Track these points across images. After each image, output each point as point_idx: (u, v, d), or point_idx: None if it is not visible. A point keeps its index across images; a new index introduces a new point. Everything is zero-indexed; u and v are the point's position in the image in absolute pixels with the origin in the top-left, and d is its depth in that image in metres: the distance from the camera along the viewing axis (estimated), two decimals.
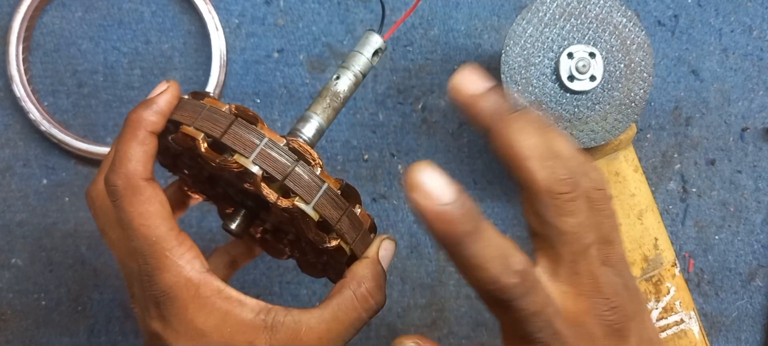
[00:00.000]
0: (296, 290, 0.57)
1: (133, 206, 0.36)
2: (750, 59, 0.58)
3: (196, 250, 0.37)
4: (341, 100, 0.41)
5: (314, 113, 0.40)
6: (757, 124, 0.58)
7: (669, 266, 0.53)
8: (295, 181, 0.36)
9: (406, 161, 0.57)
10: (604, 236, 0.32)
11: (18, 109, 0.56)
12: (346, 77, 0.41)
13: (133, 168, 0.36)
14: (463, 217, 0.27)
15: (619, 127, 0.50)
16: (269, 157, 0.36)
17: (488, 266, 0.28)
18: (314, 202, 0.36)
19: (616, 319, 0.31)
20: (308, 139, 0.40)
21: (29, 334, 0.57)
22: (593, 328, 0.31)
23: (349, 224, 0.37)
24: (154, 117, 0.37)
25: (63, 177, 0.56)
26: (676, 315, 0.53)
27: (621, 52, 0.49)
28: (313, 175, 0.36)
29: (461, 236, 0.28)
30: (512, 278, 0.28)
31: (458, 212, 0.27)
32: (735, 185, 0.58)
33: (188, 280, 0.36)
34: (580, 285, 0.31)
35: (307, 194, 0.36)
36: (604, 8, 0.49)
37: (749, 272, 0.58)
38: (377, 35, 0.41)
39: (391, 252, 0.39)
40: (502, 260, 0.28)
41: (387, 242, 0.39)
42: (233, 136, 0.36)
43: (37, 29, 0.56)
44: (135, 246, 0.36)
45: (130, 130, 0.37)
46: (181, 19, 0.57)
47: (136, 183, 0.36)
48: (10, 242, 0.57)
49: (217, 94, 0.55)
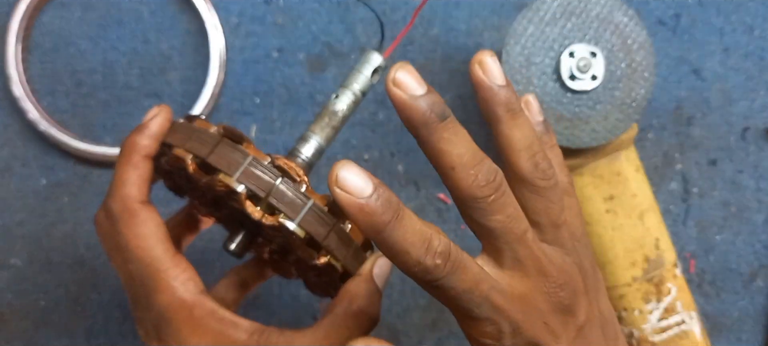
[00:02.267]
0: (296, 290, 0.57)
1: (128, 228, 0.38)
2: (752, 59, 0.57)
3: (192, 271, 0.38)
4: (340, 119, 0.41)
5: (313, 133, 0.41)
6: (758, 124, 0.57)
7: (670, 266, 0.53)
8: (278, 198, 0.36)
9: (406, 161, 0.57)
10: (550, 220, 0.34)
11: (16, 109, 0.55)
12: (345, 96, 0.41)
13: (128, 192, 0.38)
14: (382, 207, 0.30)
15: (620, 126, 0.49)
16: (252, 175, 0.36)
17: (410, 250, 0.30)
18: (299, 219, 0.36)
19: (564, 295, 0.33)
20: (307, 159, 0.40)
21: (28, 334, 0.57)
22: (540, 304, 0.33)
23: (337, 240, 0.38)
24: (147, 141, 0.39)
25: (62, 177, 0.56)
26: (677, 316, 0.52)
27: (622, 52, 0.49)
28: (297, 192, 0.37)
29: (383, 225, 0.30)
30: (435, 259, 0.30)
31: (377, 203, 0.30)
32: (737, 185, 0.58)
33: (182, 301, 0.37)
34: (524, 268, 0.33)
35: (291, 211, 0.36)
36: (605, 7, 0.49)
37: (751, 273, 0.58)
38: (377, 54, 0.41)
39: (386, 270, 0.40)
40: (423, 243, 0.30)
41: (382, 259, 0.40)
42: (218, 156, 0.37)
43: (36, 29, 0.56)
44: (132, 269, 0.38)
45: (124, 155, 0.39)
46: (180, 19, 0.56)
47: (131, 206, 0.38)
48: (8, 242, 0.56)
49: (216, 93, 0.55)
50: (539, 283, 0.33)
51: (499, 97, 0.34)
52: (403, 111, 0.32)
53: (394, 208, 0.30)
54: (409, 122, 0.32)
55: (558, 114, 0.49)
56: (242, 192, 0.36)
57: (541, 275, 0.33)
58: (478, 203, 0.32)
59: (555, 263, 0.34)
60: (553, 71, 0.49)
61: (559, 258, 0.34)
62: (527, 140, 0.34)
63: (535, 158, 0.34)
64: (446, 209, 0.58)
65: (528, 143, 0.34)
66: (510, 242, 0.32)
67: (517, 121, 0.34)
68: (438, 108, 0.32)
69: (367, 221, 0.30)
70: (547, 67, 0.49)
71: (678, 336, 0.52)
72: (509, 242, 0.32)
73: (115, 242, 0.39)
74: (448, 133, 0.32)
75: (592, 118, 0.49)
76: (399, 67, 0.31)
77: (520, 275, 0.33)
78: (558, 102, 0.49)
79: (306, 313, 0.57)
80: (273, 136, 0.57)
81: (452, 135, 0.32)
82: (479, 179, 0.31)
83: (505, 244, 0.32)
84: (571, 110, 0.49)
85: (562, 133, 0.49)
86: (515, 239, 0.32)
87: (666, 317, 0.52)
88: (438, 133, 0.32)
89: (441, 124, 0.32)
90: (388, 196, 0.30)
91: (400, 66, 0.31)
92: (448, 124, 0.32)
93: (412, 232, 0.30)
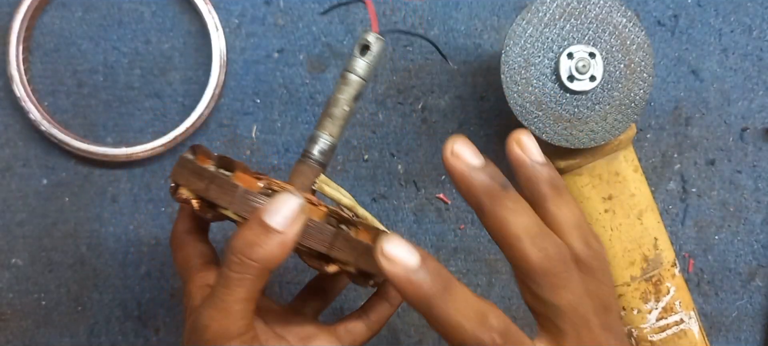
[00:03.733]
0: (296, 290, 0.57)
1: (176, 253, 0.43)
2: (750, 59, 0.58)
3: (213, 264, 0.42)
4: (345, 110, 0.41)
5: (321, 132, 0.41)
6: (756, 125, 0.58)
7: (669, 266, 0.53)
8: None
9: (406, 161, 0.57)
10: (603, 303, 0.32)
11: (18, 109, 0.56)
12: (344, 86, 0.41)
13: (177, 226, 0.44)
14: (430, 278, 0.29)
15: (618, 127, 0.50)
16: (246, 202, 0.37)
17: (464, 324, 0.29)
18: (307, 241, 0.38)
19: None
20: (319, 159, 0.41)
21: (29, 334, 0.57)
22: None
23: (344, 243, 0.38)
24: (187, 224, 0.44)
25: (63, 177, 0.56)
26: (675, 315, 0.53)
27: (621, 53, 0.49)
28: None
29: (432, 298, 0.29)
30: (492, 334, 0.29)
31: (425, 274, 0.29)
32: (735, 185, 0.58)
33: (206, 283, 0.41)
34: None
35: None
36: (603, 8, 0.49)
37: (749, 272, 0.58)
38: (369, 31, 0.41)
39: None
40: (478, 317, 0.29)
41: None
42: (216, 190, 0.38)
43: (37, 29, 0.56)
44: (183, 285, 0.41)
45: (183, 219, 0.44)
46: (181, 19, 0.57)
47: (179, 237, 0.43)
48: (10, 242, 0.57)
49: (217, 94, 0.55)
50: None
51: (542, 175, 0.32)
52: (464, 182, 0.31)
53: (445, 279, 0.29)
54: (470, 193, 0.31)
55: (557, 115, 0.49)
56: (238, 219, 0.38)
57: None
58: (548, 279, 0.30)
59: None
60: (552, 72, 0.49)
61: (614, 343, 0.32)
62: (576, 218, 0.33)
63: (586, 238, 0.32)
64: (446, 209, 0.58)
65: (577, 222, 0.32)
66: (576, 325, 0.31)
67: (564, 198, 0.33)
68: (500, 178, 0.31)
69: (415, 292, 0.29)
70: (546, 68, 0.49)
71: (676, 335, 0.53)
72: (575, 323, 0.31)
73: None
74: (512, 203, 0.31)
75: (590, 119, 0.49)
76: (455, 139, 0.31)
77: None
78: (557, 103, 0.49)
79: None
80: (273, 136, 0.57)
81: (516, 205, 0.31)
82: (550, 252, 0.30)
83: (570, 326, 0.31)
84: (570, 111, 0.49)
85: (561, 133, 0.49)
86: (581, 322, 0.31)
87: (664, 316, 0.52)
88: (501, 202, 0.30)
89: (504, 193, 0.31)
90: (436, 267, 0.29)
91: (456, 138, 0.31)
92: (510, 194, 0.31)
93: (466, 305, 0.29)
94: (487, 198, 0.31)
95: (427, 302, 0.29)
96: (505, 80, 0.49)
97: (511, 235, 0.30)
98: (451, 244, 0.58)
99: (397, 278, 0.29)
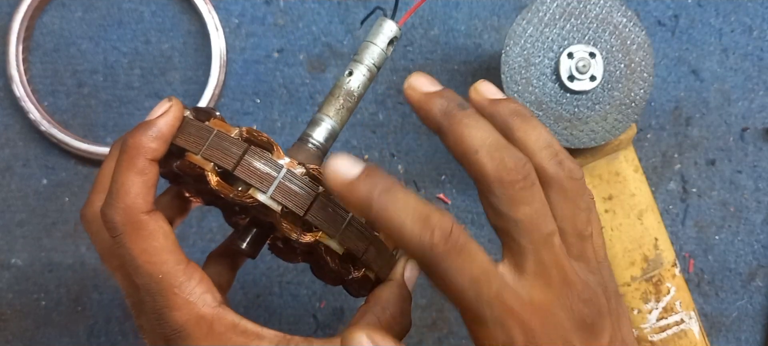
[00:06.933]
0: (296, 290, 0.57)
1: (134, 242, 0.33)
2: (750, 59, 0.58)
3: (207, 282, 0.34)
4: (356, 98, 0.37)
5: (326, 116, 0.36)
6: (757, 125, 0.58)
7: (669, 266, 0.53)
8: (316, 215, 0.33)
9: (406, 161, 0.57)
10: (576, 229, 0.32)
11: (18, 109, 0.56)
12: (359, 73, 0.37)
13: (132, 202, 0.33)
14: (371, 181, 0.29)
15: (619, 127, 0.50)
16: (288, 191, 0.32)
17: (405, 222, 0.28)
18: (339, 235, 0.33)
19: (587, 313, 0.30)
20: (320, 144, 0.36)
21: (29, 334, 0.57)
22: (562, 319, 0.30)
23: (375, 252, 0.35)
24: (155, 143, 0.34)
25: (63, 177, 0.56)
26: (676, 315, 0.52)
27: (621, 52, 0.49)
28: (337, 206, 0.33)
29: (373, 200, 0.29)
30: (433, 234, 0.28)
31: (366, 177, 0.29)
32: (735, 185, 0.58)
33: (201, 317, 0.33)
34: (547, 276, 0.30)
35: (332, 228, 0.33)
36: (604, 8, 0.49)
37: (749, 272, 0.58)
38: (391, 22, 0.37)
39: (416, 273, 0.37)
40: (420, 216, 0.29)
41: (412, 263, 0.37)
42: (247, 169, 0.32)
43: (37, 29, 0.56)
44: (139, 283, 0.34)
45: (128, 158, 0.34)
46: (180, 19, 0.57)
47: (136, 218, 0.33)
48: (10, 242, 0.56)
49: (217, 94, 0.55)
50: (562, 295, 0.30)
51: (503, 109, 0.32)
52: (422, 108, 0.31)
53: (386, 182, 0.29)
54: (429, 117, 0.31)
55: (557, 114, 0.49)
56: (278, 210, 0.32)
57: (566, 286, 0.30)
58: (505, 189, 0.29)
59: (581, 277, 0.31)
60: (552, 72, 0.49)
61: (584, 274, 0.31)
62: (546, 140, 0.32)
63: (558, 156, 0.32)
64: (446, 209, 0.58)
65: (547, 142, 0.32)
66: (535, 242, 0.30)
67: (531, 124, 0.32)
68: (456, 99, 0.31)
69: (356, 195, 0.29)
70: (546, 68, 0.49)
71: (677, 335, 0.53)
72: (534, 241, 0.30)
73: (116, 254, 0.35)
74: (469, 119, 0.30)
75: (591, 119, 0.49)
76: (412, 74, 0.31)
77: (542, 283, 0.30)
78: (557, 102, 0.49)
79: (306, 312, 0.57)
80: (274, 136, 0.57)
81: (473, 120, 0.30)
82: (507, 162, 0.29)
83: (530, 243, 0.30)
84: (570, 111, 0.49)
85: (561, 133, 0.49)
86: (541, 239, 0.30)
87: (665, 316, 0.52)
88: (459, 119, 0.30)
89: (461, 111, 0.30)
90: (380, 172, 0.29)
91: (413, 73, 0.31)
92: (468, 112, 0.31)
93: (406, 204, 0.29)
94: (444, 119, 0.31)
95: (368, 203, 0.29)
96: (505, 80, 0.49)
97: (469, 149, 0.30)
98: None
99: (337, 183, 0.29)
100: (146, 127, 0.34)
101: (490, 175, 0.30)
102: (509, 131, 0.32)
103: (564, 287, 0.30)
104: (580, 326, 0.30)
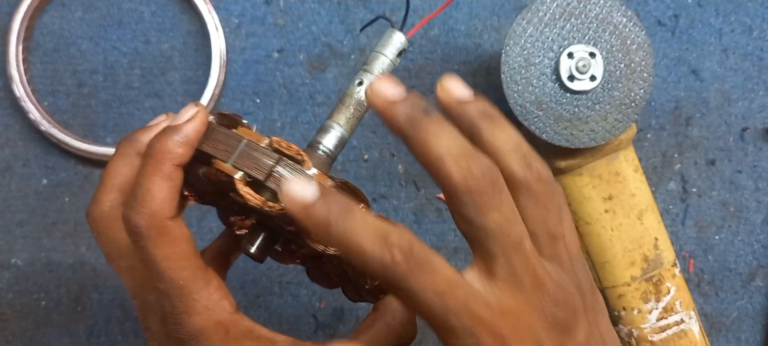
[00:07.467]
0: (296, 290, 0.57)
1: (158, 248, 0.33)
2: (750, 59, 0.58)
3: (224, 289, 0.34)
4: (365, 107, 0.38)
5: (337, 123, 0.37)
6: (757, 125, 0.58)
7: (669, 266, 0.53)
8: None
9: (406, 161, 0.57)
10: (548, 231, 0.31)
11: (18, 109, 0.56)
12: (368, 83, 0.37)
13: (159, 207, 0.33)
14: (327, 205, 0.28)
15: (619, 127, 0.50)
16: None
17: (364, 243, 0.28)
18: None
19: (561, 314, 0.30)
20: (329, 151, 0.37)
21: (29, 334, 0.57)
22: (532, 320, 0.30)
23: None
24: (182, 149, 0.33)
25: (63, 177, 0.56)
26: (676, 315, 0.52)
27: (621, 52, 0.49)
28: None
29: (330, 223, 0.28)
30: (393, 251, 0.28)
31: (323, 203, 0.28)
32: (735, 185, 0.58)
33: (218, 323, 0.34)
34: (518, 281, 0.30)
35: None
36: (604, 8, 0.49)
37: (749, 272, 0.58)
38: (400, 33, 0.38)
39: None
40: (379, 236, 0.28)
41: None
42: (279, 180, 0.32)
43: (37, 29, 0.56)
44: (161, 287, 0.33)
45: (155, 162, 0.33)
46: (180, 19, 0.57)
47: (161, 224, 0.33)
48: (10, 242, 0.56)
49: (217, 94, 0.55)
50: (534, 298, 0.30)
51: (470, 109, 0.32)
52: (386, 116, 0.31)
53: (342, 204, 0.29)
54: (393, 125, 0.31)
55: (557, 114, 0.49)
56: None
57: (538, 289, 0.30)
58: (473, 197, 0.29)
59: (553, 279, 0.31)
60: (552, 72, 0.49)
61: (556, 274, 0.31)
62: (513, 142, 0.32)
63: (526, 159, 0.31)
64: (446, 209, 0.58)
65: (515, 145, 0.32)
66: (505, 248, 0.30)
67: (499, 125, 0.32)
68: (422, 105, 0.30)
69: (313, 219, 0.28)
70: (546, 68, 0.49)
71: (677, 335, 0.53)
72: (504, 247, 0.30)
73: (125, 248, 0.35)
74: (435, 126, 0.30)
75: (591, 119, 0.49)
76: (376, 80, 0.31)
77: (513, 288, 0.30)
78: (557, 102, 0.49)
79: (306, 312, 0.57)
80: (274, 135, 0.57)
81: (438, 127, 0.30)
82: (473, 170, 0.29)
83: (500, 249, 0.30)
84: (570, 111, 0.49)
85: (561, 133, 0.49)
86: (511, 245, 0.30)
87: (665, 316, 0.52)
88: (423, 126, 0.30)
89: (426, 118, 0.30)
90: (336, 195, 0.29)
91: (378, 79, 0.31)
92: (433, 118, 0.30)
93: (364, 224, 0.28)
94: (409, 126, 0.30)
95: (325, 227, 0.28)
96: (505, 80, 0.49)
97: (434, 157, 0.30)
98: (451, 244, 0.58)
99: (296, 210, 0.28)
100: (173, 132, 0.34)
101: (456, 183, 0.29)
102: (477, 133, 0.32)
103: (536, 291, 0.30)
104: (553, 327, 0.30)
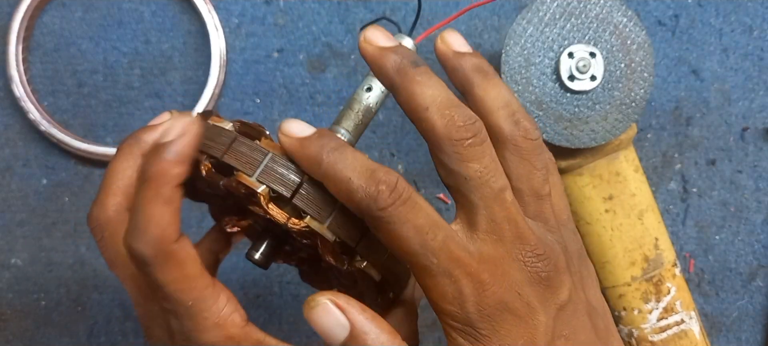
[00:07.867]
0: (296, 290, 0.57)
1: (165, 273, 0.31)
2: (750, 59, 0.58)
3: (234, 301, 0.33)
4: (373, 113, 0.38)
5: (346, 130, 0.37)
6: (757, 124, 0.58)
7: (669, 266, 0.53)
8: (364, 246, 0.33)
9: (406, 161, 0.57)
10: (532, 189, 0.32)
11: (18, 109, 0.56)
12: (377, 88, 0.37)
13: (163, 233, 0.31)
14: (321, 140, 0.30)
15: (619, 126, 0.50)
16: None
17: (352, 176, 0.29)
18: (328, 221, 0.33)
19: (542, 267, 0.30)
20: None
21: (29, 334, 0.57)
22: (513, 271, 0.30)
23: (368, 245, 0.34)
24: (178, 169, 0.31)
25: (63, 177, 0.56)
26: (676, 315, 0.52)
27: (621, 52, 0.49)
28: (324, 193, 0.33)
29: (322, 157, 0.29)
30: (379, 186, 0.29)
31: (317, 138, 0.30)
32: (735, 185, 0.58)
33: (229, 337, 0.33)
34: (499, 231, 0.30)
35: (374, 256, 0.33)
36: (604, 8, 0.49)
37: (750, 272, 0.58)
38: (409, 39, 0.38)
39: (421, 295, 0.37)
40: (367, 171, 0.29)
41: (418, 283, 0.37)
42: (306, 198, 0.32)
43: (37, 29, 0.56)
44: (169, 308, 0.32)
45: (154, 188, 0.31)
46: (180, 19, 0.57)
47: (166, 249, 0.31)
48: (10, 242, 0.56)
49: (217, 94, 0.55)
50: (515, 249, 0.30)
51: (466, 63, 0.33)
52: (376, 63, 0.31)
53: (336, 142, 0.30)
54: (382, 73, 0.31)
55: (557, 114, 0.49)
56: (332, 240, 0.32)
57: (518, 240, 0.30)
58: (454, 146, 0.30)
59: (536, 234, 0.31)
60: (553, 72, 0.49)
61: (540, 232, 0.31)
62: (504, 99, 0.32)
63: (514, 116, 0.32)
64: (446, 209, 0.58)
65: (505, 102, 0.32)
66: (486, 198, 0.30)
67: (492, 82, 0.32)
68: (411, 56, 0.31)
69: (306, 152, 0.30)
70: (547, 68, 0.49)
71: (677, 335, 0.52)
72: (485, 197, 0.30)
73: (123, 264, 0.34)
74: (422, 77, 0.31)
75: (591, 119, 0.49)
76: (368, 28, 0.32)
77: (494, 238, 0.30)
78: (557, 102, 0.49)
79: None
80: (273, 136, 0.57)
81: (425, 78, 0.31)
82: (456, 120, 0.30)
83: (481, 199, 0.30)
84: (571, 110, 0.49)
85: (562, 133, 0.49)
86: (492, 195, 0.30)
87: (665, 316, 0.52)
88: (411, 77, 0.31)
89: (414, 68, 0.31)
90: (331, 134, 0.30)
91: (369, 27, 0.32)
92: (420, 69, 0.31)
93: (354, 160, 0.30)
94: (397, 75, 0.31)
95: (318, 160, 0.30)
96: (506, 80, 0.49)
97: (419, 106, 0.30)
98: None
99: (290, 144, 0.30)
100: (165, 150, 0.31)
101: (439, 132, 0.30)
102: (469, 86, 0.32)
103: (516, 242, 0.30)
104: (534, 280, 0.30)
